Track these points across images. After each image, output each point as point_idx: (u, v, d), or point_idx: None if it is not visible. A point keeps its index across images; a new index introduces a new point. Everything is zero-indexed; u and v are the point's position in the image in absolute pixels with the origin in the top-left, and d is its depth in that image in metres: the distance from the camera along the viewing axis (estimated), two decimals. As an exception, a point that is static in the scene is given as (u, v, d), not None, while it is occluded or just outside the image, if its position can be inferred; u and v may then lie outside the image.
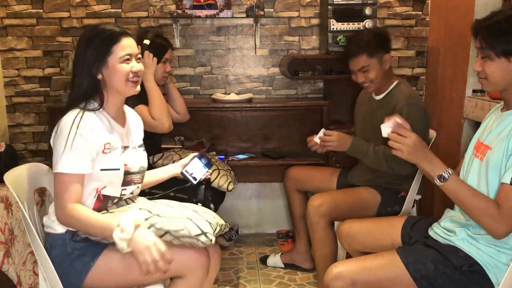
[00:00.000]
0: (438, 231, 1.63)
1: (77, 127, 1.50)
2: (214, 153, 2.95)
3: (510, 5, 2.36)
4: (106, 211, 1.61)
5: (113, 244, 1.47)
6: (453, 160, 2.68)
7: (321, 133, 2.23)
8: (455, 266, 1.49)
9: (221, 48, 3.16)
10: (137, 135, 1.78)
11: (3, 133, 3.09)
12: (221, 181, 2.39)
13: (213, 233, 1.59)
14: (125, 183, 1.65)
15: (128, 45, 1.60)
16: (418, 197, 2.35)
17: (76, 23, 3.04)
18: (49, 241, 1.59)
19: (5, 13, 3.02)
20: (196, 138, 3.11)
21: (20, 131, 3.16)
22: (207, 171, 1.87)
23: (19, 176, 1.62)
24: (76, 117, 1.52)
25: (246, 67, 3.19)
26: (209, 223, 1.61)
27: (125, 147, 1.65)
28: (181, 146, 2.90)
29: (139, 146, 1.76)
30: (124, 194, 1.68)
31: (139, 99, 2.20)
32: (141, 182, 1.76)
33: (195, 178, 1.85)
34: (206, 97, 3.16)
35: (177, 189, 2.27)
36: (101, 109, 1.60)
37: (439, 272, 1.50)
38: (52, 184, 1.59)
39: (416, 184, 2.23)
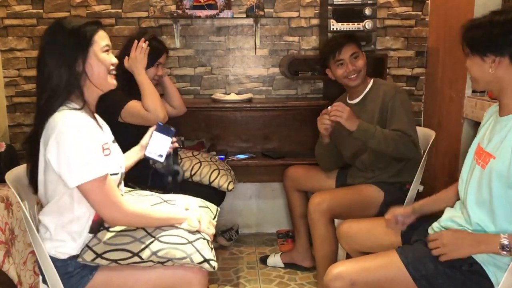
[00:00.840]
0: (438, 231, 1.63)
1: (81, 129, 1.41)
2: (214, 153, 2.96)
3: (509, 6, 2.36)
4: (104, 228, 1.56)
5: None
6: (453, 160, 2.70)
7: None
8: (455, 266, 1.49)
9: (221, 48, 3.17)
10: (108, 130, 1.68)
11: (4, 133, 3.09)
12: (221, 181, 2.40)
13: (212, 250, 1.57)
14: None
15: (105, 36, 1.54)
16: (421, 187, 2.35)
17: (77, 23, 3.04)
18: None
19: (5, 13, 3.02)
20: (196, 138, 3.11)
21: (20, 131, 3.16)
22: (171, 141, 1.75)
23: (19, 175, 1.62)
24: (74, 119, 1.41)
25: (246, 67, 3.19)
26: (208, 241, 1.59)
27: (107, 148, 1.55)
28: (181, 146, 2.91)
29: (113, 142, 1.66)
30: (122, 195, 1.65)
31: (129, 95, 2.19)
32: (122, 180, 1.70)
33: (161, 155, 1.72)
34: (206, 97, 3.17)
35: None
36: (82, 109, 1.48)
37: (439, 272, 1.50)
38: (53, 193, 1.49)
39: (420, 172, 2.23)
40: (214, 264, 1.53)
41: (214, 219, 1.78)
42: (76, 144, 1.38)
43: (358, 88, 2.35)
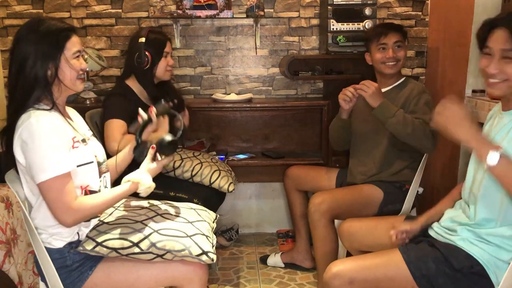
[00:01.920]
0: (439, 231, 1.63)
1: (47, 127, 1.44)
2: (214, 153, 2.96)
3: (509, 6, 2.36)
4: (102, 223, 1.60)
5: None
6: (453, 160, 2.70)
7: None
8: (456, 267, 1.49)
9: (221, 48, 3.17)
10: (84, 126, 1.73)
11: (4, 133, 3.09)
12: (222, 182, 2.40)
13: (213, 247, 1.59)
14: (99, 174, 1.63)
15: (77, 41, 1.57)
16: (421, 189, 2.35)
17: (77, 23, 3.04)
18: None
19: (5, 14, 3.03)
20: (196, 138, 3.11)
21: (20, 131, 3.16)
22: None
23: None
24: (40, 118, 1.45)
25: (246, 67, 3.20)
26: (207, 236, 1.61)
27: (83, 140, 1.60)
28: (181, 146, 2.90)
29: (92, 136, 1.72)
30: (106, 187, 1.68)
31: (124, 112, 2.09)
32: (107, 171, 1.72)
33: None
34: (206, 97, 3.17)
35: (177, 189, 2.30)
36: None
37: (440, 272, 1.50)
38: (34, 194, 1.53)
39: (419, 174, 2.23)
40: (213, 256, 1.55)
41: (213, 222, 1.79)
42: (40, 142, 1.43)
43: (390, 80, 2.36)
